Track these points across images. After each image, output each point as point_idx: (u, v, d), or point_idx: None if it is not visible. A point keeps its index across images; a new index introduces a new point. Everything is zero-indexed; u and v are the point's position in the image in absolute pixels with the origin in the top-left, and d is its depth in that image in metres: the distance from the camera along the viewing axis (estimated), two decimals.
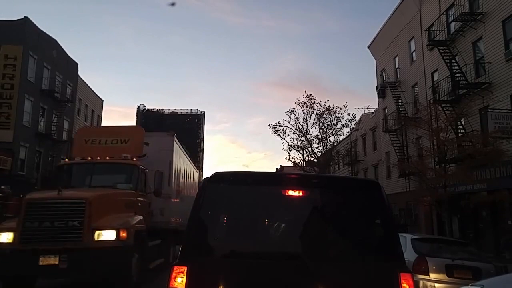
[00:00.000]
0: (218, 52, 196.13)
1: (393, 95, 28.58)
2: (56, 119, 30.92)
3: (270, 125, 35.19)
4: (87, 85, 39.80)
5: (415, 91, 27.56)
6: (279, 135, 34.96)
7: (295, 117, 35.25)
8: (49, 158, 30.69)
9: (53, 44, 31.76)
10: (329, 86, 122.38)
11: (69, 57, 34.93)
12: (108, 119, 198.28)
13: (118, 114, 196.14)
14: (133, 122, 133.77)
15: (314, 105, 33.77)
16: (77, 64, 36.40)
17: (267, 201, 3.62)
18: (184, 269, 3.13)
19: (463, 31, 20.65)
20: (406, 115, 26.91)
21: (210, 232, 3.53)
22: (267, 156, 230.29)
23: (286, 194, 3.58)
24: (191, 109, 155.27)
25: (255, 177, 3.99)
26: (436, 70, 24.00)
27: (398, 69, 30.40)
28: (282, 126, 35.53)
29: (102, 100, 44.79)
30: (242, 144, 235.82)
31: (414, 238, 8.42)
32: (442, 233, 22.68)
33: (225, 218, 3.67)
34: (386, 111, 32.86)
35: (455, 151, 18.04)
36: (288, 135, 35.23)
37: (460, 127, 19.91)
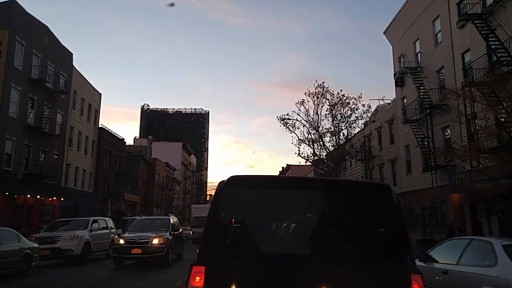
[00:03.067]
0: (221, 53, 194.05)
1: (415, 82, 25.89)
2: (48, 111, 28.53)
3: (278, 117, 32.68)
4: (83, 77, 37.44)
5: (441, 76, 24.88)
6: (288, 127, 32.41)
7: (305, 110, 32.72)
8: (40, 154, 28.31)
9: (44, 30, 29.39)
10: (333, 85, 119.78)
11: (62, 46, 32.56)
12: (113, 120, 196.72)
13: (122, 115, 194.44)
14: (137, 122, 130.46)
15: (327, 94, 31.18)
16: (72, 54, 34.04)
17: (280, 204, 3.75)
18: (202, 269, 3.32)
19: (503, 1, 18.02)
20: (431, 103, 24.26)
21: (226, 234, 3.65)
22: (271, 156, 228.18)
23: (298, 197, 3.75)
24: (195, 108, 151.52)
25: (269, 181, 4.22)
26: (468, 50, 21.32)
27: (419, 54, 27.70)
28: (290, 119, 32.97)
29: (100, 94, 42.41)
30: (246, 144, 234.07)
31: (507, 244, 5.84)
32: (479, 235, 20.02)
33: (240, 221, 3.75)
34: (405, 101, 30.18)
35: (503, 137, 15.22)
36: (298, 128, 32.71)
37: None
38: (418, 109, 27.24)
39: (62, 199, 30.51)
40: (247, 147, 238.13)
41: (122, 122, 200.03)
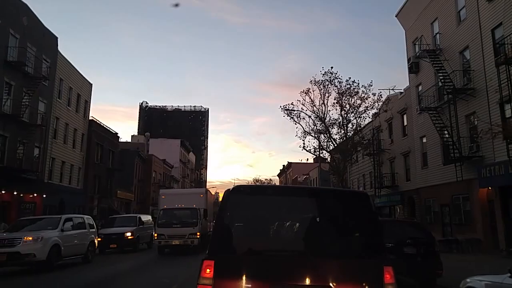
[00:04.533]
0: (221, 53, 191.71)
1: (434, 65, 23.19)
2: (27, 98, 25.83)
3: (282, 107, 30.02)
4: (71, 64, 34.74)
5: (465, 57, 22.20)
6: (292, 118, 29.73)
7: (310, 100, 30.03)
8: (18, 145, 25.62)
9: (23, 9, 26.69)
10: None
11: (45, 28, 29.89)
12: (113, 120, 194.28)
13: (122, 114, 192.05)
14: (136, 121, 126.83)
15: (335, 80, 28.49)
16: (57, 38, 31.34)
17: (276, 208, 4.44)
18: (212, 263, 3.86)
19: None
20: (454, 87, 21.58)
21: (232, 233, 4.22)
22: (271, 156, 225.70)
23: (291, 203, 4.47)
24: (194, 106, 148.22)
25: (266, 189, 6.06)
26: (499, 25, 18.64)
27: (438, 35, 24.99)
28: (294, 110, 30.30)
29: (91, 84, 39.71)
30: (246, 144, 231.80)
31: None
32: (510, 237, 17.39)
33: (243, 222, 4.41)
34: (420, 88, 27.52)
35: None
36: (303, 119, 30.04)
37: None
38: (436, 96, 24.61)
39: (44, 196, 27.86)
40: (247, 146, 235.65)
41: (123, 122, 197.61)
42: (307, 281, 3.74)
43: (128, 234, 22.51)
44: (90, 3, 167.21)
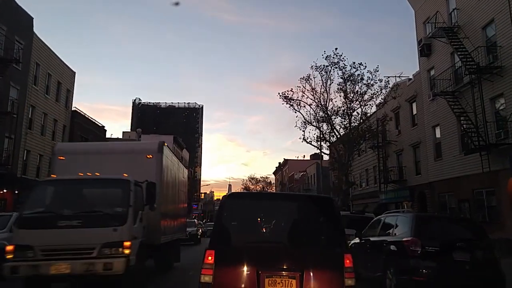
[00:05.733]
0: (215, 52, 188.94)
1: (453, 43, 20.62)
2: None
3: (281, 94, 27.41)
4: (51, 49, 31.80)
5: (488, 32, 19.63)
6: (291, 105, 27.13)
7: (311, 88, 27.43)
8: None
9: None
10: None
11: (18, 6, 26.99)
12: (106, 118, 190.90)
13: (116, 113, 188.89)
14: (129, 119, 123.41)
15: (340, 63, 25.89)
16: (32, 18, 28.43)
17: (262, 210, 5.50)
18: (212, 252, 4.80)
19: None
20: (478, 66, 19.02)
21: (228, 230, 5.25)
22: (266, 154, 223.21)
23: (274, 206, 5.58)
24: (188, 103, 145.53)
25: (256, 195, 10.47)
26: None
27: (455, 11, 22.42)
28: (293, 99, 27.70)
29: (74, 72, 36.73)
30: (241, 142, 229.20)
31: None
32: None
33: (237, 220, 5.41)
34: (433, 72, 24.97)
35: None
36: (304, 107, 27.45)
37: None
38: (453, 79, 22.05)
39: (16, 192, 25.00)
40: (242, 145, 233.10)
41: (116, 120, 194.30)
42: (285, 266, 4.77)
43: None
44: (85, 3, 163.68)
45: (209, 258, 4.71)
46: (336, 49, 25.90)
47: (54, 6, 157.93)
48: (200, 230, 33.61)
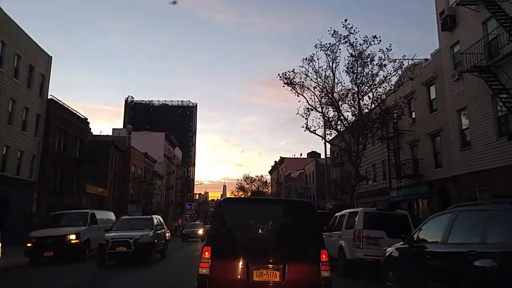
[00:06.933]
0: (209, 52, 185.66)
1: (490, 8, 17.25)
2: None
3: (281, 75, 23.89)
4: (21, 28, 28.13)
5: None
6: (293, 87, 23.63)
7: (314, 70, 23.95)
8: None
9: None
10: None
11: None
12: (99, 118, 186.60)
13: (108, 113, 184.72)
14: (122, 117, 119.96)
15: (350, 36, 22.41)
16: None
17: (253, 212, 6.40)
18: (209, 248, 5.60)
19: None
20: None
21: (223, 229, 6.12)
22: (260, 155, 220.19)
23: (263, 209, 6.56)
24: (182, 101, 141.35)
25: (247, 199, 11.87)
26: None
27: None
28: (294, 84, 24.21)
29: (50, 57, 32.98)
30: (235, 143, 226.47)
31: None
32: None
33: (230, 221, 6.22)
34: (458, 48, 21.59)
35: None
36: (308, 89, 23.96)
37: None
38: (486, 52, 18.68)
39: None
40: (236, 145, 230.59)
41: (109, 120, 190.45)
42: (271, 260, 5.59)
43: (72, 236, 16.21)
44: (80, 3, 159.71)
45: (206, 253, 5.56)
46: (345, 20, 22.17)
47: (48, 6, 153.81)
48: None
